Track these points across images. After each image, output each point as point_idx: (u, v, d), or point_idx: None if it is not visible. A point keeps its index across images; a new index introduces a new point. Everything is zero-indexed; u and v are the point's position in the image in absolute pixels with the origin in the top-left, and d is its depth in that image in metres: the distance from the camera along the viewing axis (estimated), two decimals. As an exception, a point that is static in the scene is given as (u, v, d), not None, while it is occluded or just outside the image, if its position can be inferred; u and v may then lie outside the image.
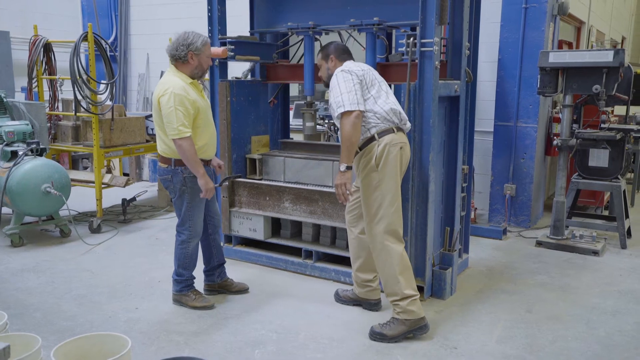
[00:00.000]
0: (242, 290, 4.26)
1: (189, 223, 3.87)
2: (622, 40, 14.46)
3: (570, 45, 7.52)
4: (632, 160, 7.03)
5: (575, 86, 5.18)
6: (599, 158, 5.59)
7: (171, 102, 3.56)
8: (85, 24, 9.11)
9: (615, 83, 5.01)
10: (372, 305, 3.97)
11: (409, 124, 3.68)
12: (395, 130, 3.54)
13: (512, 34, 5.92)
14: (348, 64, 3.65)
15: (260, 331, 3.65)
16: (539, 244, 5.50)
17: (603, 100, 5.09)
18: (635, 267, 4.93)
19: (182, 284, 4.01)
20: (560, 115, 6.11)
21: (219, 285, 4.25)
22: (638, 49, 17.53)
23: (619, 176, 5.59)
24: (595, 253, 5.20)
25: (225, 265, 4.30)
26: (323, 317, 3.87)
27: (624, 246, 5.45)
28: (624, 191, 5.63)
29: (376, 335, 3.52)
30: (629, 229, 5.77)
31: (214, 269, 4.22)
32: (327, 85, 3.77)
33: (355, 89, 3.45)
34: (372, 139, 3.52)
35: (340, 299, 4.11)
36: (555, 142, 5.48)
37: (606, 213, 6.56)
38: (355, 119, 3.39)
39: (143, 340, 3.51)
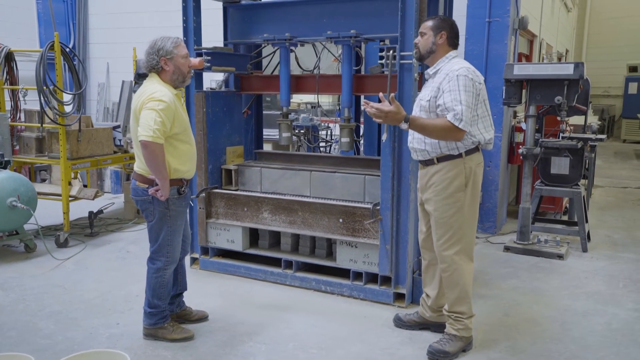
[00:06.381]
0: (202, 318, 3.96)
1: (167, 249, 3.56)
2: (566, 53, 15.16)
3: (527, 57, 7.85)
4: (586, 167, 7.37)
5: (538, 97, 5.40)
6: (560, 166, 5.85)
7: (156, 105, 3.27)
8: (41, 32, 8.86)
9: (576, 94, 5.26)
10: (442, 327, 3.68)
11: (491, 146, 3.49)
12: (479, 148, 3.42)
13: (476, 47, 6.13)
14: (470, 67, 3.32)
15: (249, 343, 3.64)
16: (507, 249, 5.69)
17: (564, 111, 5.33)
18: (598, 270, 5.17)
19: (158, 317, 3.65)
20: (521, 125, 6.37)
21: (178, 315, 3.90)
22: (578, 60, 18.43)
23: (579, 182, 5.86)
24: (560, 257, 5.43)
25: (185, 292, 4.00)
26: (308, 327, 3.89)
27: (585, 250, 5.71)
28: (584, 197, 5.90)
29: (440, 354, 3.43)
30: (588, 232, 6.05)
31: (175, 298, 3.88)
32: (420, 58, 3.52)
33: (472, 107, 3.24)
34: (457, 155, 3.34)
35: (403, 324, 3.87)
36: (520, 151, 5.70)
37: (565, 218, 6.85)
38: (451, 137, 3.23)
39: (130, 356, 3.41)
